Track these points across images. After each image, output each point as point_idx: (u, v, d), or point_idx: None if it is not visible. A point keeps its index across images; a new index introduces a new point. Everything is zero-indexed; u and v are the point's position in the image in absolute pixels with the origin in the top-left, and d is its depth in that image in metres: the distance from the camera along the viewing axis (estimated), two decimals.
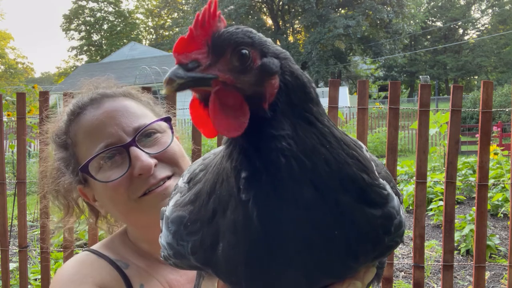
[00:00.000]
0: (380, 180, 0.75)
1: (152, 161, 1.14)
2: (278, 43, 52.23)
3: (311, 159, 0.65)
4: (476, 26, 60.55)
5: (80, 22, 65.71)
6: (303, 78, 0.70)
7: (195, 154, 2.77)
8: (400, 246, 5.83)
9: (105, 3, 65.52)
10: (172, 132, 1.23)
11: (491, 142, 3.69)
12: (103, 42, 66.67)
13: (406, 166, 9.74)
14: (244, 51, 0.64)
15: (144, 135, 1.18)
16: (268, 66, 0.66)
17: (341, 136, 0.72)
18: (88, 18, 65.37)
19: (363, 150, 0.78)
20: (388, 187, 0.75)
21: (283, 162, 0.64)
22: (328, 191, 0.66)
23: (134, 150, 1.13)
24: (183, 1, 66.30)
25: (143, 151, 1.14)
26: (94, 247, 1.24)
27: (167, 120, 1.24)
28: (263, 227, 0.65)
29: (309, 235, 0.65)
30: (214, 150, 0.88)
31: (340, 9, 50.66)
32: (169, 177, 1.17)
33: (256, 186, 0.65)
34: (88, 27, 65.60)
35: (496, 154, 7.99)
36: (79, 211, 1.35)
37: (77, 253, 3.69)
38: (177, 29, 66.25)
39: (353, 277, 0.75)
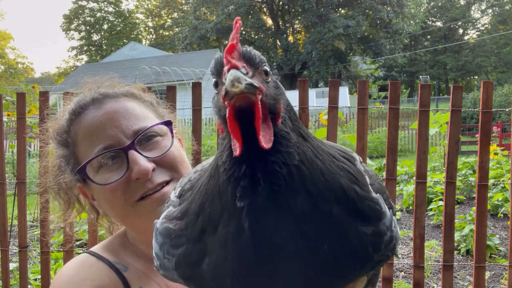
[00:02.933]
0: (373, 194, 0.75)
1: (150, 166, 1.12)
2: (278, 43, 52.14)
3: (309, 169, 0.67)
4: (476, 26, 60.58)
5: (80, 22, 65.74)
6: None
7: (198, 155, 2.77)
8: (400, 246, 5.83)
9: (105, 3, 65.53)
10: (173, 136, 1.22)
11: (491, 142, 3.69)
12: (103, 42, 66.68)
13: (406, 166, 9.73)
14: (265, 67, 0.68)
15: (144, 138, 1.17)
16: (279, 84, 0.71)
17: (328, 150, 0.74)
18: (88, 18, 65.40)
19: (355, 162, 0.78)
20: (381, 202, 0.75)
21: (285, 172, 0.65)
22: (322, 200, 0.67)
23: (133, 153, 1.12)
24: (183, 1, 66.27)
25: (142, 154, 1.13)
26: (94, 249, 1.24)
27: (168, 123, 1.23)
28: (254, 238, 0.65)
29: (298, 247, 0.65)
30: (202, 163, 0.88)
31: (340, 9, 50.65)
32: (167, 182, 1.15)
33: (251, 195, 0.65)
34: (88, 27, 65.61)
35: (496, 154, 7.98)
36: (80, 207, 1.35)
37: (77, 253, 3.69)
38: (177, 29, 66.26)
39: None
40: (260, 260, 0.65)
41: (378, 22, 49.52)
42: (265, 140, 0.64)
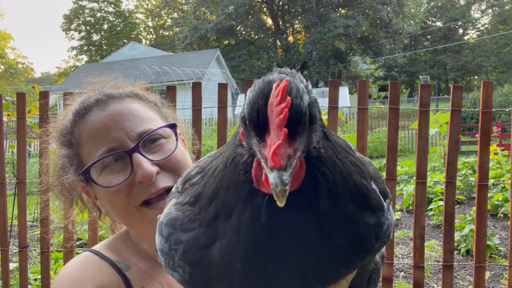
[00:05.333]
0: (373, 185, 0.76)
1: (154, 169, 1.12)
2: (278, 43, 52.18)
3: (332, 173, 0.68)
4: (476, 26, 60.56)
5: (80, 22, 65.75)
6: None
7: (199, 155, 2.77)
8: (400, 246, 5.83)
9: (105, 3, 65.53)
10: (177, 139, 1.21)
11: (491, 142, 3.69)
12: (103, 42, 66.68)
13: (406, 166, 9.73)
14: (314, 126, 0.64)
15: (148, 140, 1.16)
16: (316, 116, 0.64)
17: (340, 143, 0.74)
18: (88, 18, 65.41)
19: (355, 150, 0.80)
20: (378, 191, 0.77)
21: (312, 180, 0.66)
22: (340, 200, 0.68)
23: (137, 156, 1.12)
24: (183, 1, 66.27)
25: (146, 158, 1.13)
26: (96, 247, 1.24)
27: (172, 126, 1.22)
28: (269, 228, 0.66)
29: (312, 240, 0.67)
30: (209, 154, 0.88)
31: (340, 9, 50.67)
32: (171, 187, 1.15)
33: (270, 197, 0.65)
34: (88, 27, 65.62)
35: (496, 154, 7.99)
36: (83, 205, 1.34)
37: (77, 253, 3.69)
38: (177, 29, 66.26)
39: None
40: (273, 249, 0.66)
41: (378, 22, 49.55)
42: (294, 185, 0.64)
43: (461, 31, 60.08)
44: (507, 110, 3.71)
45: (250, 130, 0.62)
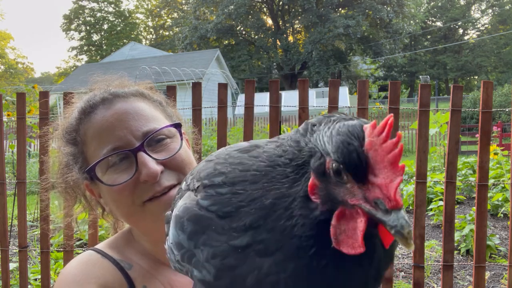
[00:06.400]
0: None
1: (159, 168, 1.12)
2: (278, 43, 52.16)
3: None
4: (476, 26, 60.59)
5: (80, 22, 65.80)
6: None
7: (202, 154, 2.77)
8: (400, 246, 5.83)
9: (105, 3, 65.58)
10: (181, 139, 1.22)
11: (491, 142, 3.69)
12: (103, 42, 66.71)
13: (406, 166, 9.71)
14: None
15: (153, 139, 1.17)
16: None
17: None
18: (88, 18, 65.46)
19: None
20: None
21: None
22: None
23: (142, 155, 1.12)
24: (183, 1, 66.30)
25: (151, 156, 1.13)
26: (98, 246, 1.24)
27: (177, 126, 1.23)
28: (320, 274, 0.62)
29: (367, 282, 0.65)
30: (227, 157, 0.79)
31: (340, 9, 50.68)
32: (175, 186, 1.15)
33: (333, 258, 0.62)
34: (88, 27, 65.67)
35: (496, 154, 7.99)
36: (86, 203, 1.35)
37: (77, 253, 3.69)
38: (177, 29, 66.30)
39: None
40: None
41: (378, 22, 49.55)
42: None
43: (461, 31, 60.10)
44: (507, 110, 3.71)
45: (345, 176, 0.58)
